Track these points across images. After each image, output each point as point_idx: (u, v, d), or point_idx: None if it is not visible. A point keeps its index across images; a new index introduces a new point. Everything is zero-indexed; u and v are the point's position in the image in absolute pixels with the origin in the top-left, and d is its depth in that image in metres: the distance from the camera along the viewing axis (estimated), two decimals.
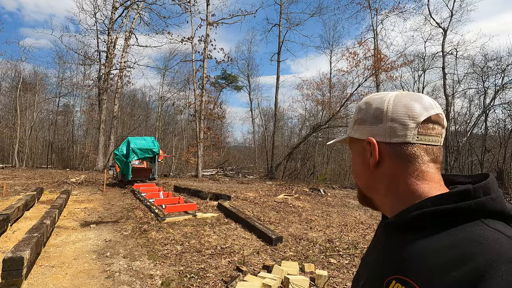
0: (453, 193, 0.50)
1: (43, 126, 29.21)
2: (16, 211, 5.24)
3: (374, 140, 0.56)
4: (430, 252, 0.47)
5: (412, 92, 0.59)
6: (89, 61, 21.88)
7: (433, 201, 0.51)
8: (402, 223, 0.53)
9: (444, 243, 0.46)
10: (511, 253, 0.41)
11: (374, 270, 0.57)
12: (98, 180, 11.61)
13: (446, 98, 17.26)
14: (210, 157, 22.93)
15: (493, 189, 0.50)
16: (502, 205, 0.48)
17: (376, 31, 19.09)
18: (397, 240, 0.53)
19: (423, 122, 0.54)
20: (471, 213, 0.48)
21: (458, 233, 0.46)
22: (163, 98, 30.35)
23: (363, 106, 0.61)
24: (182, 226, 5.47)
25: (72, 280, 3.30)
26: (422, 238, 0.49)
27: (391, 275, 0.50)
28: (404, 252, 0.50)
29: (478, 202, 0.48)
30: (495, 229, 0.45)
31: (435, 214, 0.49)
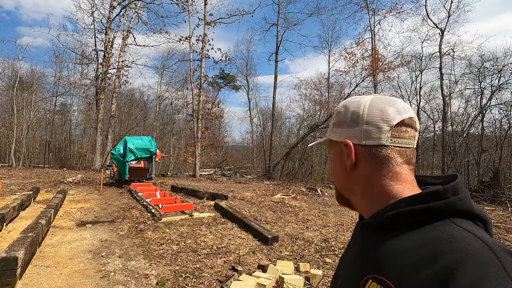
0: (425, 193, 0.52)
1: (40, 126, 29.06)
2: (11, 210, 5.22)
3: (350, 142, 0.58)
4: (403, 251, 0.48)
5: (387, 96, 0.61)
6: (87, 60, 21.79)
7: (406, 201, 0.52)
8: (378, 223, 0.54)
9: (416, 242, 0.48)
10: (478, 251, 0.42)
11: (351, 270, 0.58)
12: (95, 179, 11.58)
13: (443, 98, 17.35)
14: (207, 157, 22.91)
15: (461, 189, 0.52)
16: (469, 205, 0.51)
17: (374, 32, 19.14)
18: (373, 240, 0.55)
19: (396, 125, 0.56)
20: (441, 213, 0.50)
21: (429, 232, 0.48)
22: (161, 97, 30.29)
23: (341, 110, 0.63)
24: (178, 226, 5.47)
25: (67, 280, 3.30)
26: (396, 238, 0.51)
27: (367, 274, 0.51)
28: (379, 251, 0.52)
29: (448, 202, 0.50)
30: (463, 228, 0.47)
31: (408, 214, 0.51)
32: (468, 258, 0.41)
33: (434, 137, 21.66)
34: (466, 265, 0.41)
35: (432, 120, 21.54)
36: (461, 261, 0.41)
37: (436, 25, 18.12)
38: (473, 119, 16.81)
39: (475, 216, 0.50)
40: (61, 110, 31.17)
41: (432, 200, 0.50)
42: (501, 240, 5.62)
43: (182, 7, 17.56)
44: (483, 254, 0.42)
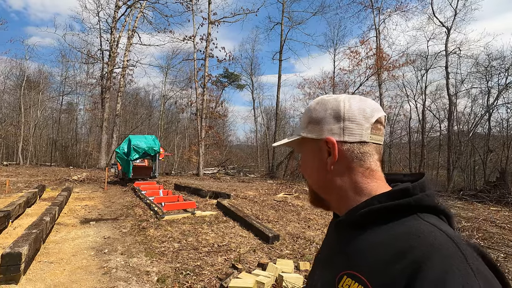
0: (395, 191, 0.54)
1: (47, 124, 29.46)
2: (17, 208, 5.32)
3: (333, 139, 0.58)
4: (375, 247, 0.50)
5: (361, 96, 0.62)
6: (92, 60, 22.03)
7: (378, 199, 0.54)
8: (352, 220, 0.56)
9: (387, 237, 0.50)
10: (444, 245, 0.45)
11: (326, 267, 0.59)
12: (100, 178, 11.71)
13: (449, 98, 17.15)
14: (211, 156, 22.99)
15: (428, 186, 0.54)
16: (435, 201, 0.53)
17: (378, 30, 18.97)
18: (347, 237, 0.56)
19: (374, 123, 0.58)
20: (410, 209, 0.52)
21: (399, 227, 0.50)
22: (166, 96, 30.47)
23: (316, 107, 0.62)
24: (180, 224, 5.52)
25: (69, 276, 3.35)
26: (368, 234, 0.53)
27: (342, 270, 0.52)
28: (353, 248, 0.54)
29: (416, 198, 0.52)
30: (429, 222, 0.49)
31: (380, 211, 0.53)
32: (434, 252, 0.44)
33: (440, 137, 21.42)
34: (432, 258, 0.43)
35: (438, 120, 21.30)
36: (428, 255, 0.43)
37: (442, 24, 17.90)
38: (479, 119, 16.57)
39: (440, 211, 0.53)
40: (68, 109, 31.57)
41: (402, 197, 0.52)
42: (505, 241, 5.55)
43: (186, 6, 17.63)
44: (447, 247, 0.44)
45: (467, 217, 7.29)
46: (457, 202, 10.21)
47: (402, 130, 23.33)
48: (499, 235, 5.56)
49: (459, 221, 6.77)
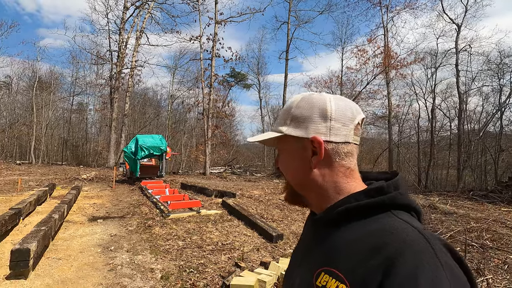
0: (371, 189, 0.56)
1: (58, 124, 30.10)
2: (28, 205, 5.47)
3: (320, 139, 0.58)
4: (351, 243, 0.52)
5: (342, 96, 0.63)
6: (101, 61, 22.40)
7: (355, 197, 0.56)
8: (329, 218, 0.57)
9: (363, 234, 0.52)
10: (415, 241, 0.46)
11: (304, 264, 0.60)
12: (109, 176, 11.92)
13: (459, 96, 16.81)
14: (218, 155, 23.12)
15: (401, 185, 0.56)
16: (408, 199, 0.55)
17: (386, 28, 18.72)
18: (325, 234, 0.58)
19: (356, 124, 0.60)
20: (384, 206, 0.54)
21: (373, 224, 0.52)
22: (173, 96, 30.75)
23: (301, 104, 0.61)
24: (185, 223, 5.58)
25: (76, 272, 3.44)
26: (345, 231, 0.54)
27: (320, 267, 0.53)
28: (330, 245, 0.55)
29: (390, 196, 0.54)
30: (402, 219, 0.51)
31: (356, 209, 0.54)
32: (406, 247, 0.45)
33: (450, 136, 21.01)
34: (405, 254, 0.45)
35: (448, 119, 20.91)
36: (400, 251, 0.45)
37: (453, 21, 17.55)
38: (491, 117, 16.21)
39: (411, 208, 0.55)
40: (78, 109, 32.20)
41: (377, 195, 0.54)
42: None
43: (192, 7, 17.75)
44: (419, 243, 0.46)
45: (476, 217, 7.15)
46: (466, 202, 10.02)
47: (411, 129, 22.98)
48: (509, 236, 5.43)
49: (467, 222, 6.64)
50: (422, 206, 8.54)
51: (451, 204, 9.16)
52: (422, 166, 19.31)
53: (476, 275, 3.68)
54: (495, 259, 4.28)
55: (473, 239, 5.17)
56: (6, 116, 26.84)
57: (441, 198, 10.72)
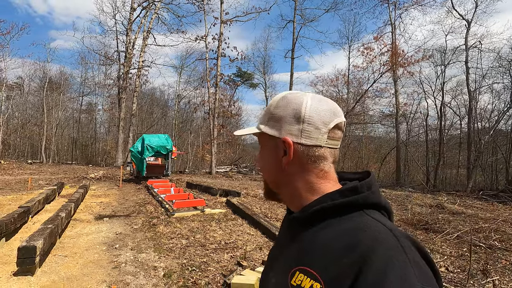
0: (345, 189, 0.57)
1: (68, 124, 30.67)
2: (36, 204, 5.60)
3: (290, 140, 0.59)
4: (325, 242, 0.53)
5: (323, 97, 0.62)
6: (109, 61, 22.72)
7: (330, 196, 0.57)
8: (305, 217, 0.58)
9: (336, 233, 0.52)
10: (386, 239, 0.48)
11: (280, 263, 0.61)
12: (116, 175, 12.09)
13: (469, 94, 16.46)
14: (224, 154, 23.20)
15: (374, 184, 0.58)
16: (379, 198, 0.57)
17: (394, 26, 18.46)
18: (300, 233, 0.58)
19: (332, 128, 0.59)
20: (358, 205, 0.55)
21: (347, 223, 0.53)
22: (180, 96, 30.98)
23: (279, 104, 0.62)
24: (189, 221, 5.63)
25: (81, 269, 3.51)
26: (320, 231, 0.55)
27: (295, 266, 0.54)
28: (305, 244, 0.56)
29: (363, 196, 0.55)
30: (374, 218, 0.53)
31: (331, 208, 0.55)
32: (379, 245, 0.47)
33: (460, 135, 20.62)
34: (377, 251, 0.46)
35: (458, 117, 20.51)
36: (372, 248, 0.47)
37: (462, 17, 17.19)
38: (502, 115, 15.82)
39: (382, 207, 0.57)
40: (88, 109, 32.74)
41: (351, 195, 0.55)
42: None
43: (198, 7, 17.83)
44: (389, 241, 0.48)
45: (485, 218, 7.01)
46: (476, 202, 9.83)
47: (420, 128, 22.64)
48: None
49: (476, 222, 6.52)
50: (429, 205, 8.42)
51: (459, 204, 9.00)
52: (430, 165, 19.00)
53: (482, 276, 3.61)
54: (503, 260, 4.19)
55: (481, 240, 5.07)
56: (18, 116, 27.49)
57: (449, 198, 10.54)
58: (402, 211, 7.65)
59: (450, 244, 4.95)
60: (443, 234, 5.36)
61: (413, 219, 6.32)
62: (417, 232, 5.61)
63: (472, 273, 3.62)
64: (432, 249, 4.64)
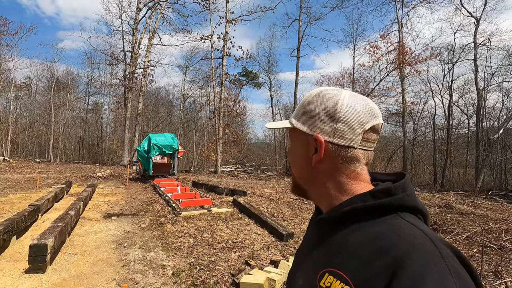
0: (378, 190, 0.55)
1: (75, 123, 31.01)
2: (46, 202, 5.67)
3: (322, 138, 0.57)
4: (357, 245, 0.51)
5: (363, 96, 0.60)
6: (116, 61, 22.89)
7: (361, 198, 0.55)
8: (335, 218, 0.56)
9: (369, 236, 0.51)
10: (422, 244, 0.46)
11: (308, 263, 0.59)
12: (123, 174, 12.19)
13: (477, 92, 16.23)
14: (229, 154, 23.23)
15: (409, 186, 0.55)
16: (415, 201, 0.54)
17: (401, 24, 18.25)
18: (329, 234, 0.57)
19: (367, 130, 0.57)
20: (391, 208, 0.53)
21: (380, 226, 0.51)
22: (185, 95, 31.09)
23: (313, 100, 0.60)
24: (196, 220, 5.64)
25: (91, 267, 3.54)
26: (350, 232, 0.53)
27: (324, 268, 0.53)
28: (335, 245, 0.54)
29: (397, 198, 0.53)
30: (409, 222, 0.51)
31: (362, 210, 0.53)
32: (414, 250, 0.45)
33: (468, 134, 20.33)
34: (412, 256, 0.44)
35: (466, 116, 20.22)
36: (408, 253, 0.45)
37: (471, 14, 16.94)
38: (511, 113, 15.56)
39: (418, 210, 0.54)
40: (94, 109, 33.06)
41: (384, 197, 0.53)
42: None
43: (203, 6, 17.85)
44: (426, 246, 0.46)
45: (495, 218, 6.90)
46: (485, 202, 9.68)
47: (427, 127, 22.38)
48: None
49: (485, 222, 6.42)
50: (437, 206, 8.31)
51: (468, 204, 8.87)
52: (438, 165, 18.78)
53: (494, 278, 3.55)
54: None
55: (491, 240, 4.99)
56: (26, 116, 27.89)
57: (458, 198, 10.40)
58: None
59: (459, 245, 4.88)
60: (452, 234, 5.29)
61: None
62: None
63: (483, 274, 3.57)
64: None
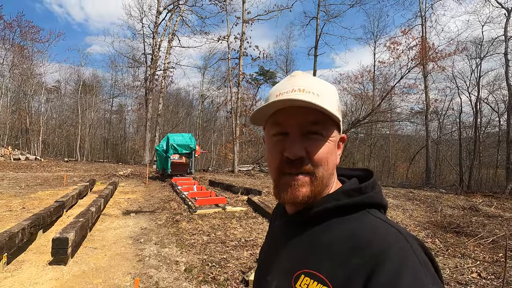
0: (350, 189, 0.56)
1: (100, 124, 32.46)
2: (70, 199, 5.99)
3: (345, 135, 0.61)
4: (332, 243, 0.51)
5: None
6: (137, 64, 23.69)
7: (334, 197, 0.55)
8: (306, 218, 0.56)
9: (343, 234, 0.51)
10: (396, 241, 0.47)
11: (279, 265, 0.58)
12: (143, 173, 12.60)
13: (508, 88, 15.25)
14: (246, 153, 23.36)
15: (377, 184, 0.57)
16: (382, 198, 0.56)
17: (425, 17, 17.52)
18: (299, 233, 0.56)
19: None
20: (361, 205, 0.54)
21: (352, 223, 0.52)
22: (203, 96, 31.62)
23: (332, 92, 0.59)
24: (211, 218, 5.74)
25: (109, 261, 3.71)
26: (323, 231, 0.53)
27: (299, 269, 0.52)
28: (309, 245, 0.53)
29: (368, 196, 0.55)
30: (380, 218, 0.52)
31: (335, 209, 0.54)
32: (389, 246, 0.46)
33: (499, 132, 19.17)
34: (387, 252, 0.45)
35: (496, 113, 19.08)
36: (383, 249, 0.46)
37: (501, 5, 15.94)
38: None
39: (382, 206, 0.57)
40: (118, 110, 34.46)
41: (356, 195, 0.55)
42: None
43: (221, 7, 18.06)
44: (399, 242, 0.47)
45: None
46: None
47: (452, 125, 21.36)
48: None
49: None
50: (462, 208, 7.92)
51: (496, 207, 8.38)
52: (464, 165, 17.87)
53: None
54: None
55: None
56: (56, 117, 29.54)
57: (485, 200, 9.84)
58: (432, 212, 7.26)
59: (484, 248, 4.63)
60: (477, 238, 5.03)
61: (443, 221, 5.99)
62: (447, 235, 5.31)
63: (507, 280, 3.37)
64: (464, 253, 4.37)
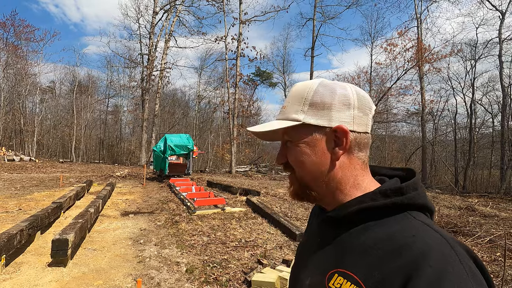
0: (388, 189, 0.53)
1: (96, 125, 32.18)
2: (68, 200, 5.93)
3: (346, 128, 0.53)
4: (369, 245, 0.49)
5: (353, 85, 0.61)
6: (133, 64, 23.56)
7: (370, 196, 0.53)
8: (342, 217, 0.54)
9: (381, 236, 0.49)
10: (438, 245, 0.45)
11: (314, 263, 0.57)
12: (140, 174, 12.52)
13: (503, 90, 15.49)
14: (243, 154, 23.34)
15: (419, 184, 0.53)
16: (425, 199, 0.52)
17: (420, 19, 17.71)
18: (337, 234, 0.55)
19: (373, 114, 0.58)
20: (402, 207, 0.51)
21: (392, 226, 0.49)
22: (200, 96, 31.53)
23: (320, 90, 0.56)
24: (210, 219, 5.72)
25: (109, 262, 3.67)
26: (361, 232, 0.52)
27: (333, 268, 0.51)
28: (344, 245, 0.52)
29: (409, 197, 0.51)
30: (422, 221, 0.49)
31: (373, 209, 0.52)
32: (430, 251, 0.44)
33: (493, 133, 19.43)
34: (428, 258, 0.43)
35: (490, 114, 19.34)
36: (423, 254, 0.43)
37: (496, 8, 16.20)
38: None
39: (427, 208, 0.52)
40: (114, 111, 34.19)
41: (395, 195, 0.51)
42: None
43: (218, 8, 18.05)
44: (442, 247, 0.44)
45: None
46: (510, 204, 9.22)
47: (448, 126, 21.59)
48: None
49: (511, 225, 6.13)
50: (458, 208, 8.01)
51: (492, 206, 8.49)
52: (459, 166, 18.06)
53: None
54: None
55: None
56: (50, 118, 29.21)
57: (481, 200, 9.98)
58: None
59: (481, 248, 4.69)
60: (474, 237, 5.08)
61: (440, 221, 6.04)
62: None
63: (506, 279, 3.41)
64: None
